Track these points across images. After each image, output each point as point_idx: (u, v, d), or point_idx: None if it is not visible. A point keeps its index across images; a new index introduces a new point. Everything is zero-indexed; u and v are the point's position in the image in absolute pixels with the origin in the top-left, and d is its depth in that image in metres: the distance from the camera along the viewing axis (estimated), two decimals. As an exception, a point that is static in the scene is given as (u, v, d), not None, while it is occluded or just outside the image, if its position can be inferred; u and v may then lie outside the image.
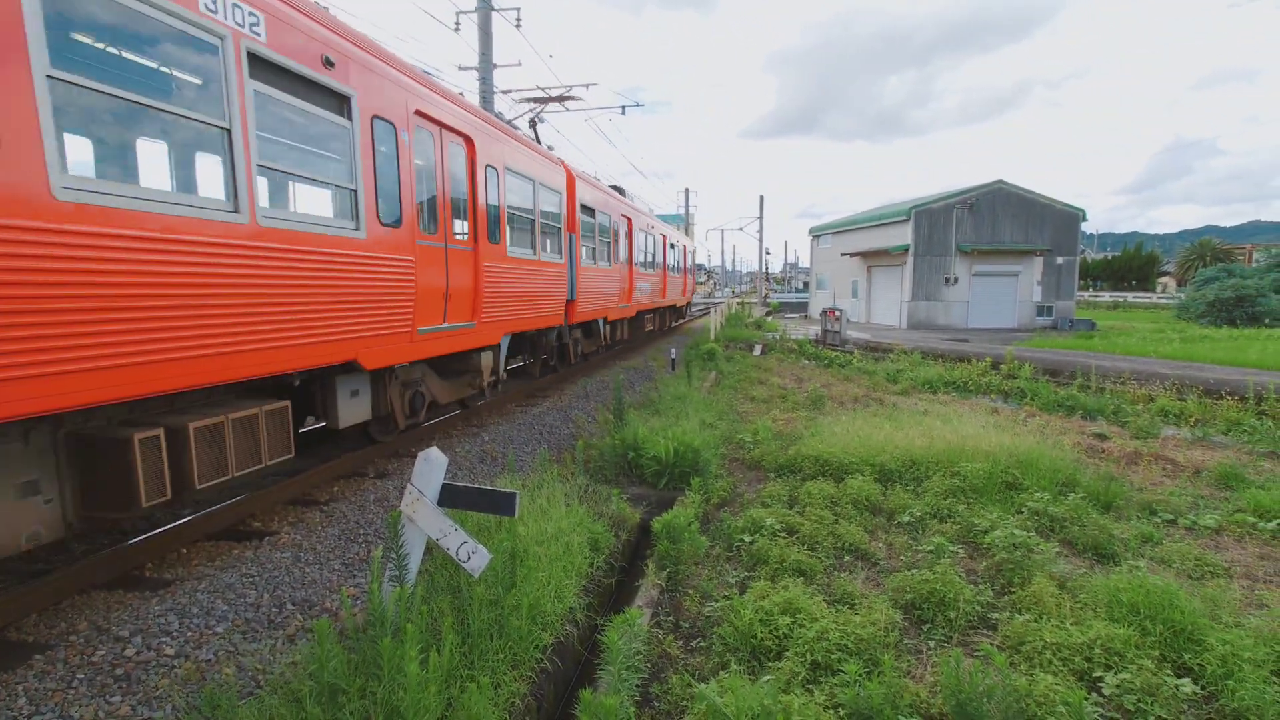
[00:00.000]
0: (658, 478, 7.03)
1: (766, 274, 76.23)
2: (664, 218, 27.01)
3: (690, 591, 4.65)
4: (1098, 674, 3.43)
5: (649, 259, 19.25)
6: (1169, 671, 3.44)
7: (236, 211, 4.48)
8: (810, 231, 44.83)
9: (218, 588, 4.27)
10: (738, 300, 52.24)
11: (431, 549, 3.98)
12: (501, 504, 3.72)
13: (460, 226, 7.86)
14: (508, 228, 9.08)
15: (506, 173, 9.05)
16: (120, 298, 3.72)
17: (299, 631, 3.94)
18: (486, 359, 8.87)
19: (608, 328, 15.67)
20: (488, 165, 8.44)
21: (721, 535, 5.55)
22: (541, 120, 19.76)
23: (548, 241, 10.88)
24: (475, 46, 17.26)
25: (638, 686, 3.45)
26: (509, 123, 10.53)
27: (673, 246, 22.97)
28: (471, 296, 8.04)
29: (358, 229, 5.73)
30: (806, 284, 57.21)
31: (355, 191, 5.73)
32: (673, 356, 15.17)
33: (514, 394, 11.60)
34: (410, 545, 3.61)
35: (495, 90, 17.57)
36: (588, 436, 8.79)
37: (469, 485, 3.83)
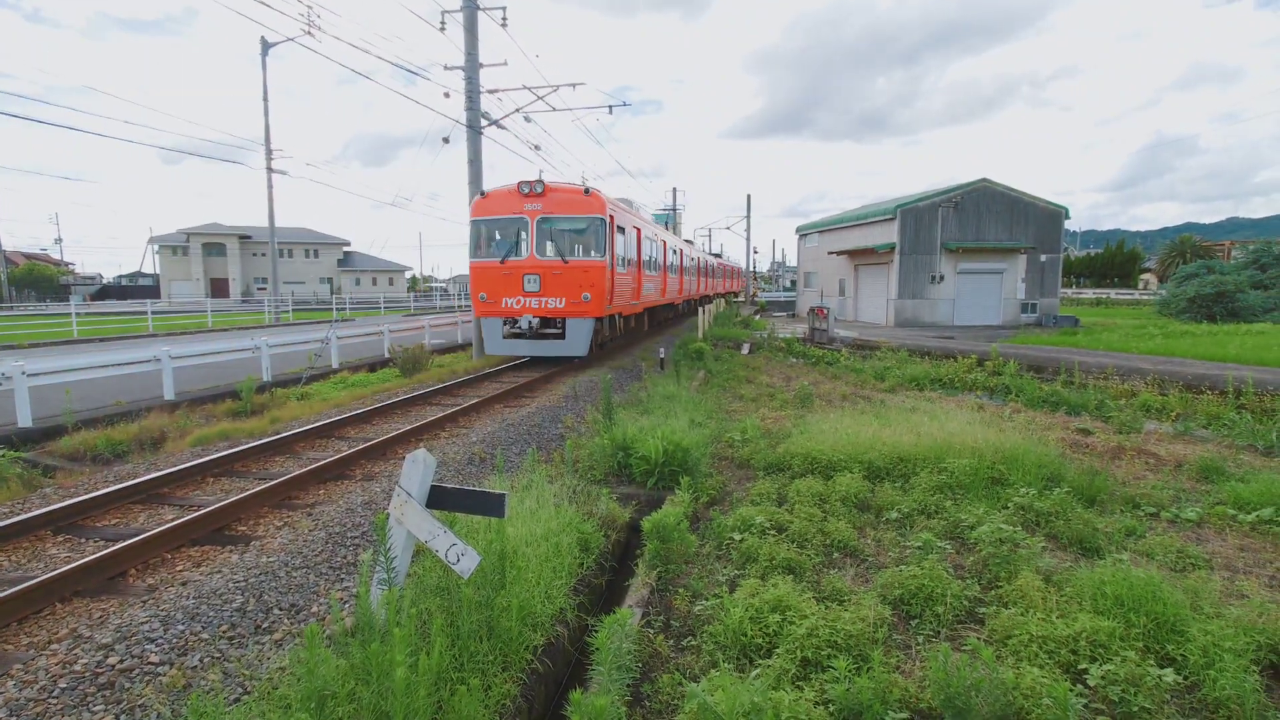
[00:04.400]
0: (647, 477, 7.02)
1: (755, 273, 76.38)
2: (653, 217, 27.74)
3: (680, 590, 4.66)
4: (1083, 666, 3.46)
5: (698, 268, 33.38)
6: (1152, 662, 3.48)
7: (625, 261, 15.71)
8: (797, 230, 44.98)
9: (203, 593, 4.23)
10: (725, 299, 52.30)
11: (421, 551, 3.96)
12: (490, 505, 3.70)
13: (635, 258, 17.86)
14: (660, 262, 21.80)
15: (647, 240, 19.11)
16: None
17: (287, 636, 3.91)
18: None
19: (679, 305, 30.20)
20: (649, 240, 19.48)
21: (711, 534, 5.56)
22: (529, 120, 19.66)
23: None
24: (461, 46, 17.18)
25: (628, 686, 3.45)
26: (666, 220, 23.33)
27: (698, 260, 33.72)
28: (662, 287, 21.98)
29: (653, 268, 19.39)
30: (794, 282, 57.41)
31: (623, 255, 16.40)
32: (661, 356, 15.17)
33: (501, 394, 11.57)
34: (398, 548, 3.59)
35: (481, 90, 17.49)
36: (576, 437, 8.77)
37: (458, 487, 3.82)
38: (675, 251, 24.82)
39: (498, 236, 14.38)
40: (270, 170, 30.38)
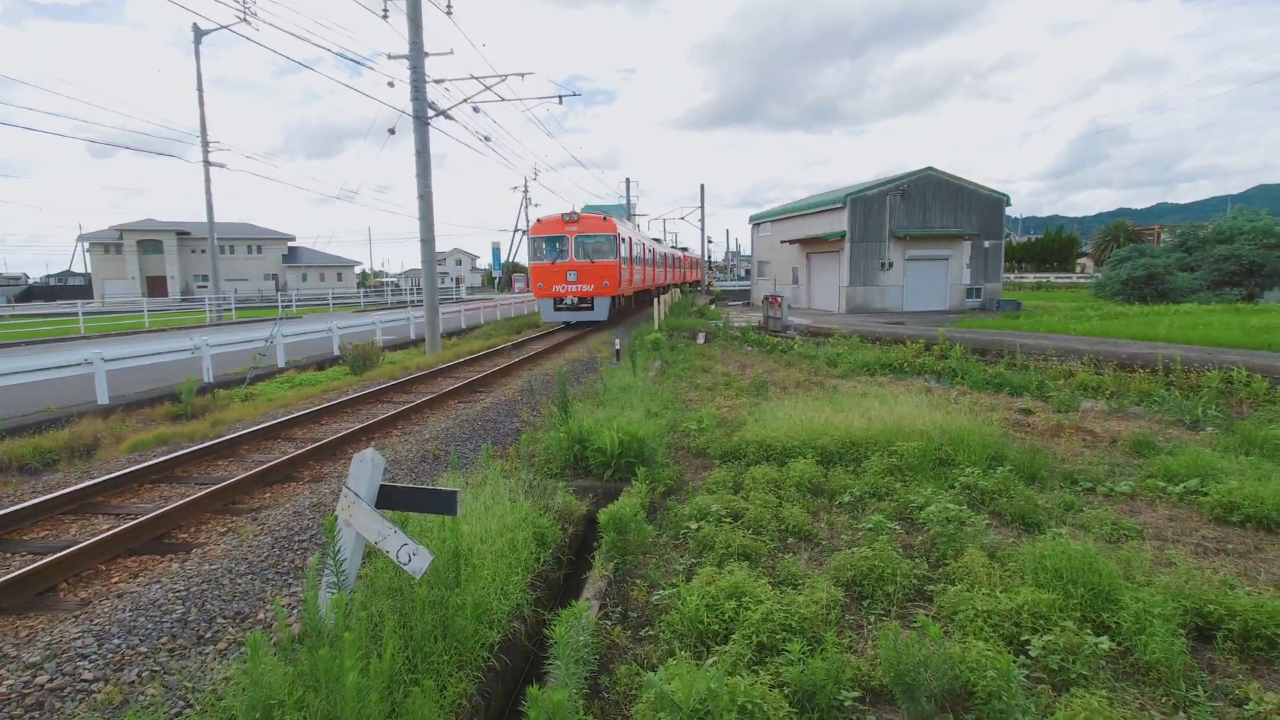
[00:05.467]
0: (604, 469, 7.01)
1: (710, 262, 76.80)
2: (606, 208, 28.06)
3: (638, 581, 4.67)
4: (1025, 637, 3.60)
5: (665, 261, 39.81)
6: (1089, 631, 3.63)
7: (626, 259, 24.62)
8: (751, 220, 45.39)
9: (141, 605, 4.06)
10: (682, 289, 52.51)
11: (372, 553, 3.87)
12: (443, 503, 3.64)
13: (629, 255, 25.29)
14: (643, 259, 29.89)
15: (635, 244, 26.25)
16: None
17: (231, 646, 3.78)
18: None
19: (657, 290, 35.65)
20: (637, 244, 27.42)
21: (668, 524, 5.58)
22: (478, 110, 19.29)
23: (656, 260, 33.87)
24: (405, 35, 16.74)
25: (586, 679, 3.44)
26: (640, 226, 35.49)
27: (665, 255, 40.71)
28: (641, 277, 28.93)
29: (639, 263, 28.20)
30: (749, 271, 57.95)
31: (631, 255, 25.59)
32: (617, 347, 15.15)
33: (455, 390, 11.40)
34: (347, 550, 3.50)
35: (428, 80, 17.08)
36: (532, 431, 8.69)
37: (408, 485, 3.74)
38: (651, 250, 33.85)
39: (545, 248, 22.76)
40: (208, 163, 29.16)
